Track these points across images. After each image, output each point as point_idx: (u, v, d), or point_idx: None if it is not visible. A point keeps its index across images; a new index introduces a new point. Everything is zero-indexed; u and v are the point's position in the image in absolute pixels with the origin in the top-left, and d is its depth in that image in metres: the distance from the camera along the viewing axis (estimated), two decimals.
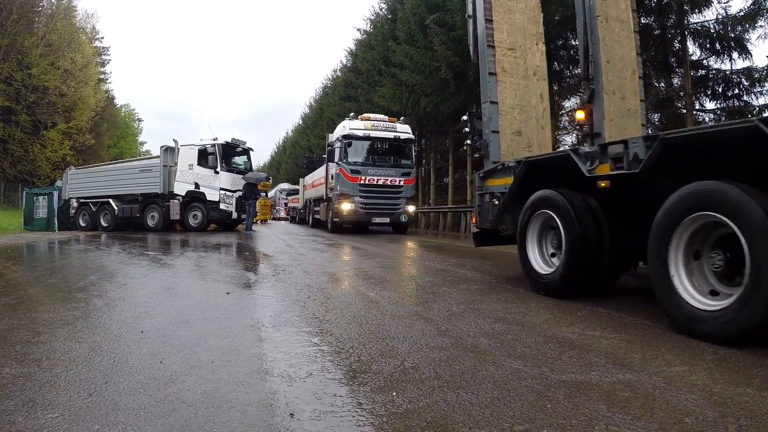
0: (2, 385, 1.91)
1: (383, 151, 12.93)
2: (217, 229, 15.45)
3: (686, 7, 11.51)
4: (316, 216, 16.75)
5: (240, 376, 2.03)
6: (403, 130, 13.19)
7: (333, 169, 13.25)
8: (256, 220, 17.91)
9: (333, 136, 14.18)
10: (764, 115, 11.36)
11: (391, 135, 12.88)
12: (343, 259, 7.18)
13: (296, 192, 23.64)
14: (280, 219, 30.83)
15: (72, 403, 1.74)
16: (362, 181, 12.36)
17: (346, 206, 12.34)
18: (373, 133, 12.72)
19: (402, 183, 12.71)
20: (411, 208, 13.18)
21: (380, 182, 12.56)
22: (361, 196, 12.36)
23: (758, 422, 1.59)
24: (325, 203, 14.35)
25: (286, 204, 30.77)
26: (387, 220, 12.78)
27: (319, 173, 16.44)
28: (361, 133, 12.63)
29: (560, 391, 1.86)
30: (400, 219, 12.78)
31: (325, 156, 17.59)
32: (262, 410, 1.69)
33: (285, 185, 33.77)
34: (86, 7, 68.99)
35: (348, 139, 12.64)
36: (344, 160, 12.52)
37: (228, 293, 4.04)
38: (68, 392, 1.84)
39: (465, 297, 3.79)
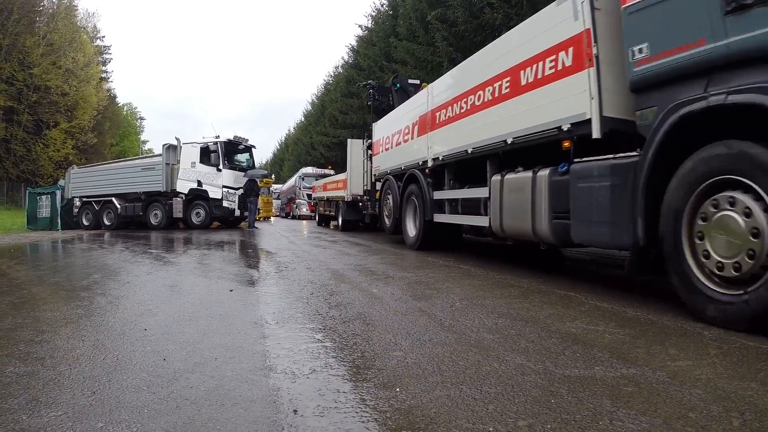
0: (6, 384, 1.92)
1: None
2: (220, 227, 15.49)
3: None
4: (512, 221, 4.63)
5: (243, 372, 2.03)
6: None
7: None
8: (259, 218, 17.95)
9: None
10: None
11: None
12: None
13: (328, 176, 17.45)
14: (300, 217, 23.89)
15: (76, 401, 1.74)
16: None
17: None
18: None
19: None
20: None
21: None
22: None
23: (762, 416, 1.58)
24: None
25: (310, 196, 21.36)
26: None
27: (497, 63, 5.00)
28: None
29: (564, 386, 1.85)
30: None
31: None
32: (265, 407, 1.69)
33: (309, 169, 25.80)
34: (87, 6, 69.46)
35: None
36: None
37: (231, 290, 4.05)
38: (72, 390, 1.85)
39: (468, 293, 3.79)
